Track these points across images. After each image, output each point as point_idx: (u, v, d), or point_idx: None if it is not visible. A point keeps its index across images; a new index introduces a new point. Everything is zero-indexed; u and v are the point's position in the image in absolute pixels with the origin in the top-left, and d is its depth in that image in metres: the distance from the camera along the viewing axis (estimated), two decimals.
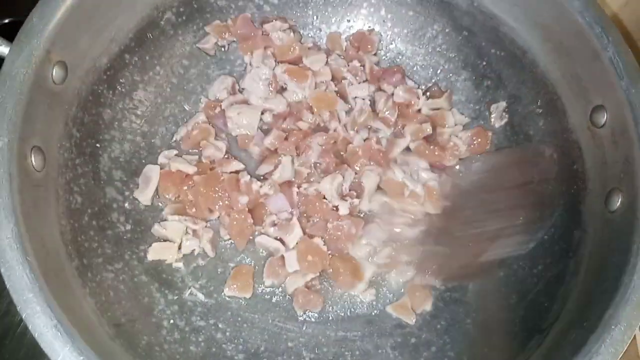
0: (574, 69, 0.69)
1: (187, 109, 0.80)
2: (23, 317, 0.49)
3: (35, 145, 0.58)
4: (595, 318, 0.55)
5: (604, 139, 0.65)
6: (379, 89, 0.82)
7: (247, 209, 0.73)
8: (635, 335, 0.88)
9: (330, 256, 0.73)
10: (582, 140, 0.69)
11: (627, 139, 0.61)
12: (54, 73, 0.61)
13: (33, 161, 0.57)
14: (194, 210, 0.73)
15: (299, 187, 0.74)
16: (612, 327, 0.53)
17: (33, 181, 0.57)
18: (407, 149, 0.79)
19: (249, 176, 0.74)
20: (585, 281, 0.62)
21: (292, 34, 0.80)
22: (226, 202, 0.73)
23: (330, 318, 0.72)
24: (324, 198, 0.74)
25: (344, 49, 0.84)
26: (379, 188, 0.77)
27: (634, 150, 0.60)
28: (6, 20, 0.80)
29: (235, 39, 0.81)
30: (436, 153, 0.78)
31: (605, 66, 0.64)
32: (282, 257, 0.72)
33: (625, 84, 0.62)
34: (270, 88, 0.79)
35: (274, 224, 0.73)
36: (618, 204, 0.61)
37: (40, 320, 0.49)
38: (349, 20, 0.85)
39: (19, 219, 0.52)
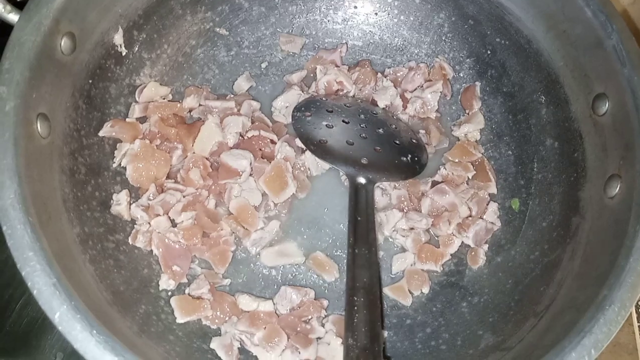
0: (577, 57, 0.69)
1: None
2: (23, 274, 0.49)
3: (42, 112, 0.59)
4: (589, 299, 0.55)
5: (605, 127, 0.65)
6: None
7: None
8: (634, 330, 0.89)
9: None
10: (583, 129, 0.69)
11: (628, 126, 0.61)
12: (62, 43, 0.61)
13: (39, 127, 0.58)
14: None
15: None
16: (607, 307, 0.53)
17: (38, 147, 0.58)
18: None
19: None
20: (582, 265, 0.62)
21: None
22: None
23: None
24: None
25: None
26: None
27: (634, 137, 0.60)
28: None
29: None
30: None
31: (609, 54, 0.64)
32: None
33: (628, 71, 0.62)
34: None
35: None
36: (617, 190, 0.61)
37: (39, 278, 0.49)
38: (355, 7, 0.86)
39: (23, 181, 0.53)
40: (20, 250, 0.50)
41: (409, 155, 0.75)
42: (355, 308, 0.58)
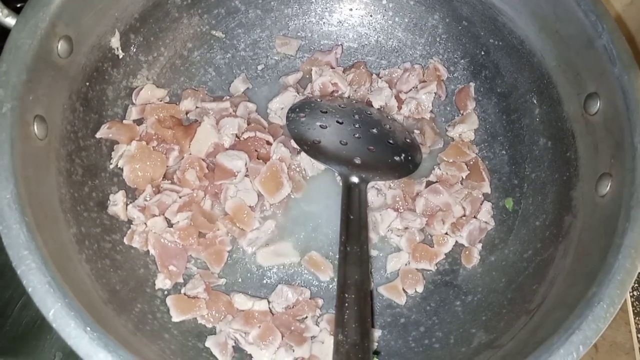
0: (569, 57, 0.70)
1: None
2: (18, 272, 0.50)
3: (39, 114, 0.59)
4: (579, 296, 0.55)
5: (597, 126, 0.66)
6: None
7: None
8: (630, 329, 0.89)
9: None
10: (575, 128, 0.70)
11: (618, 125, 0.62)
12: (59, 47, 0.62)
13: (36, 129, 0.59)
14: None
15: None
16: (595, 304, 0.53)
17: (35, 148, 0.59)
18: None
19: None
20: (573, 263, 0.62)
21: None
22: None
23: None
24: None
25: None
26: None
27: (625, 135, 0.61)
28: (18, 5, 0.83)
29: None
30: None
31: (599, 54, 0.64)
32: None
33: (618, 70, 0.62)
34: None
35: None
36: (607, 188, 0.62)
37: (34, 276, 0.50)
38: (351, 9, 0.87)
39: (19, 181, 0.53)
40: (16, 249, 0.51)
41: (403, 155, 0.76)
42: (346, 305, 0.59)
